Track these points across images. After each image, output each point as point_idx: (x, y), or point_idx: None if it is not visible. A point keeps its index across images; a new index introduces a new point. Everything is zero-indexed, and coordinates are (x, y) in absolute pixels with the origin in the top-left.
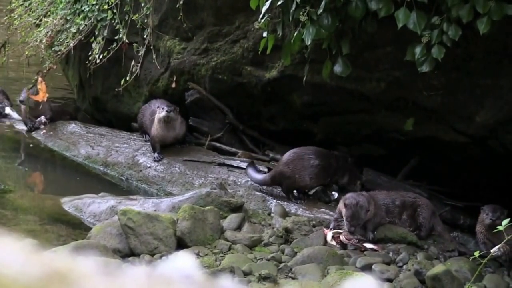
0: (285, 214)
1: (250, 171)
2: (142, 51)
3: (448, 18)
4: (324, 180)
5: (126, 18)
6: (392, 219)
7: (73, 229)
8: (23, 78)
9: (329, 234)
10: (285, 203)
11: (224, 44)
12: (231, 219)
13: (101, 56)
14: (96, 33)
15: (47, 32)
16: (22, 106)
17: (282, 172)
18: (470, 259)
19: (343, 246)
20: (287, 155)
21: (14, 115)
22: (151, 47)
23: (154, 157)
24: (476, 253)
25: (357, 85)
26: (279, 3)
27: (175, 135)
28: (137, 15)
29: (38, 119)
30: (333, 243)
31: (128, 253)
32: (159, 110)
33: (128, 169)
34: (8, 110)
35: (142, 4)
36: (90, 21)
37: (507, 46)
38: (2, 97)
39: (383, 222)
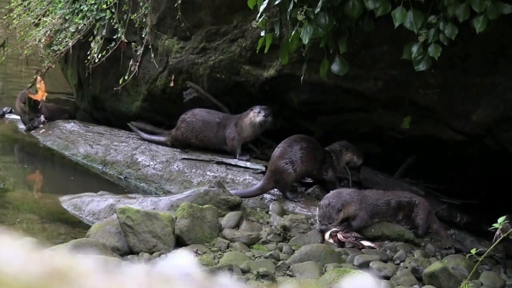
0: (283, 212)
1: (240, 191)
2: (140, 50)
3: (444, 17)
4: (313, 165)
5: (125, 17)
6: (386, 220)
7: (72, 228)
8: (22, 77)
9: (327, 232)
10: (283, 201)
11: (222, 43)
12: (229, 217)
13: (99, 56)
14: (95, 32)
15: (46, 32)
16: (20, 106)
17: (277, 167)
18: (467, 257)
19: (341, 244)
20: (276, 150)
21: (13, 115)
22: (150, 46)
23: (241, 158)
24: (473, 251)
25: (354, 84)
26: (276, 2)
27: (259, 134)
28: (135, 15)
29: (37, 118)
30: (331, 241)
31: (127, 251)
32: (254, 113)
33: (127, 168)
34: (7, 114)
35: (141, 4)
36: (88, 20)
37: (503, 45)
38: None
39: (369, 223)
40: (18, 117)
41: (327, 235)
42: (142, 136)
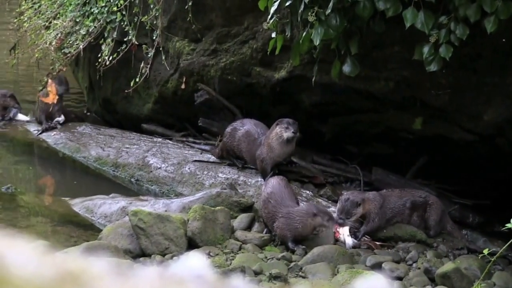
0: None
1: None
2: (151, 53)
3: (455, 18)
4: None
5: (135, 19)
6: (402, 221)
7: (84, 230)
8: (33, 80)
9: (346, 228)
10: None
11: (233, 45)
12: (241, 219)
13: (110, 58)
14: (106, 35)
15: (57, 34)
16: (39, 106)
17: None
18: (479, 257)
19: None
20: None
21: (24, 117)
22: (160, 49)
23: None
24: (485, 251)
25: (366, 85)
26: (287, 3)
27: (290, 151)
28: (146, 17)
29: (55, 119)
30: (348, 239)
31: (139, 254)
32: (281, 128)
33: (138, 170)
34: (20, 116)
35: (151, 6)
36: (99, 23)
37: None
38: (13, 102)
39: (382, 226)
40: (25, 118)
41: (346, 230)
42: (204, 148)
